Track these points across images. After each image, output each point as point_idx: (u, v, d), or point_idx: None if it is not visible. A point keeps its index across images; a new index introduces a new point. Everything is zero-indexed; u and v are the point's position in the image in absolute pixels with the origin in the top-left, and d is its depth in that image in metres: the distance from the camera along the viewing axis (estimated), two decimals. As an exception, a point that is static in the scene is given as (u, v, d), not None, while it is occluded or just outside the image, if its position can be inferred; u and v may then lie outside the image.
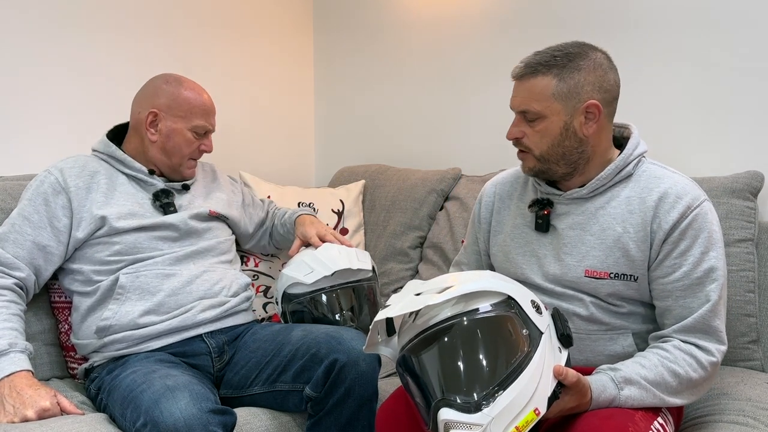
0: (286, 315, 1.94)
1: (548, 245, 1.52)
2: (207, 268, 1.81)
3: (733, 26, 1.97)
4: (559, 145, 1.44)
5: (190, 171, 1.89)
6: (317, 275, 1.87)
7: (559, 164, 1.47)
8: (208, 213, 1.88)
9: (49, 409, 1.50)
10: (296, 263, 1.95)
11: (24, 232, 1.69)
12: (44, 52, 2.22)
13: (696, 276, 1.39)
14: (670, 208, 1.41)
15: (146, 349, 1.69)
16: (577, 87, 1.41)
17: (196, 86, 1.88)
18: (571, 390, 1.27)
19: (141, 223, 1.75)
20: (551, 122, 1.43)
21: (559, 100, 1.41)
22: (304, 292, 1.90)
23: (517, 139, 1.48)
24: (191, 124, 1.83)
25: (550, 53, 1.43)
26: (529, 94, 1.43)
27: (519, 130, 1.47)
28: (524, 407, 1.18)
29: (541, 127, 1.44)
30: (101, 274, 1.73)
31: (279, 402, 1.70)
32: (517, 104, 1.46)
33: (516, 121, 1.48)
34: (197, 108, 1.84)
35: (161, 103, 1.82)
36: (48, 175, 1.75)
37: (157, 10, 2.50)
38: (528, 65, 1.44)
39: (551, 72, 1.41)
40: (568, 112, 1.42)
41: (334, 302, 1.91)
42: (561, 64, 1.41)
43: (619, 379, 1.33)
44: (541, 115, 1.43)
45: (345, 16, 2.93)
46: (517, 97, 1.46)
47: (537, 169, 1.49)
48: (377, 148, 2.86)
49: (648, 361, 1.36)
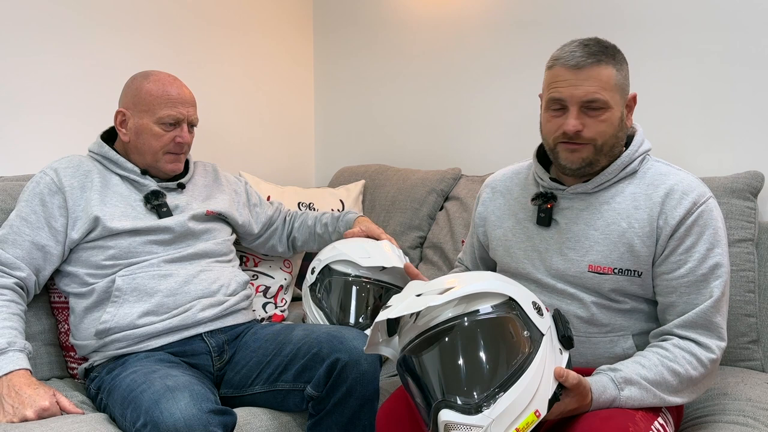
0: (317, 284, 1.91)
1: (550, 240, 1.52)
2: (204, 268, 1.80)
3: (733, 26, 1.97)
4: (615, 136, 1.44)
5: (171, 166, 1.83)
6: (373, 262, 1.85)
7: (607, 156, 1.45)
8: (205, 213, 1.87)
9: (48, 408, 1.49)
10: (354, 243, 1.92)
11: (22, 233, 1.69)
12: (44, 52, 2.22)
13: (701, 272, 1.40)
14: (677, 204, 1.41)
15: (146, 348, 1.69)
16: (627, 79, 1.44)
17: (164, 78, 1.81)
18: (571, 392, 1.27)
19: (135, 225, 1.74)
20: (614, 112, 1.42)
21: (618, 90, 1.42)
22: (351, 273, 1.87)
23: (577, 132, 1.41)
24: (156, 117, 1.77)
25: (602, 43, 1.42)
26: (598, 83, 1.39)
27: (580, 122, 1.41)
28: (525, 409, 1.18)
29: (605, 116, 1.41)
30: (96, 277, 1.73)
31: (280, 401, 1.70)
32: (582, 94, 1.39)
33: (575, 113, 1.40)
34: (160, 99, 1.77)
35: (127, 101, 1.80)
36: (43, 176, 1.75)
37: (158, 10, 2.50)
38: (590, 53, 1.39)
39: (611, 62, 1.40)
40: (622, 103, 1.44)
41: (368, 294, 1.89)
42: (612, 54, 1.42)
43: (619, 380, 1.33)
44: (608, 105, 1.40)
45: (345, 16, 2.93)
46: (580, 86, 1.39)
47: (589, 161, 1.44)
48: (377, 148, 2.86)
49: (648, 361, 1.36)
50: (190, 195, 1.88)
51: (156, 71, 1.83)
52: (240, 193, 2.05)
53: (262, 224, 2.11)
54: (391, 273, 1.89)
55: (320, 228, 2.11)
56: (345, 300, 1.89)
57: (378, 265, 1.85)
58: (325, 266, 1.90)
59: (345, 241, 1.96)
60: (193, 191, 1.90)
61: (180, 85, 1.83)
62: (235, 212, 1.98)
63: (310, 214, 2.16)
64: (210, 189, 1.95)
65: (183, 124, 1.82)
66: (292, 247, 2.18)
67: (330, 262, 1.90)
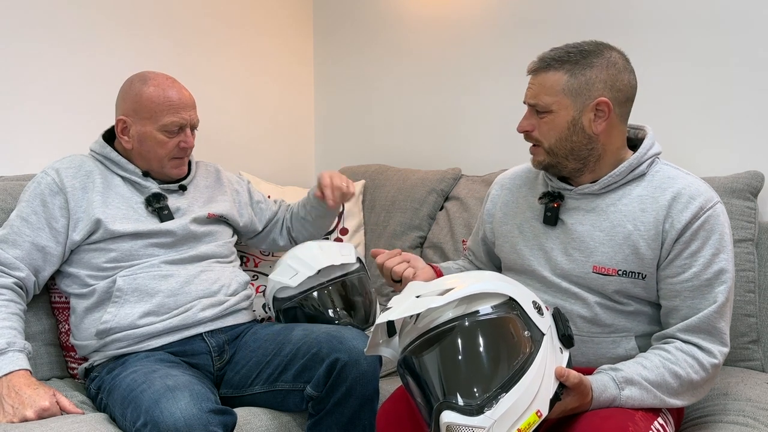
0: (280, 317, 1.95)
1: (556, 239, 1.52)
2: (204, 268, 1.80)
3: (734, 26, 1.97)
4: (567, 140, 1.46)
5: (177, 170, 1.83)
6: (302, 276, 1.88)
7: (569, 159, 1.48)
8: (207, 216, 1.87)
9: (48, 408, 1.49)
10: (280, 266, 1.95)
11: (23, 233, 1.69)
12: (45, 51, 2.22)
13: (705, 277, 1.40)
14: (684, 208, 1.41)
15: (146, 348, 1.69)
16: (588, 83, 1.43)
17: (163, 81, 1.77)
18: (572, 391, 1.27)
19: (137, 228, 1.73)
20: (559, 116, 1.45)
21: (569, 95, 1.43)
22: (293, 295, 1.90)
23: (527, 132, 1.51)
24: (159, 124, 1.74)
25: (565, 50, 1.46)
26: (541, 88, 1.46)
27: (529, 123, 1.50)
28: (527, 409, 1.17)
29: (548, 120, 1.46)
30: (97, 278, 1.72)
31: (279, 401, 1.70)
32: (528, 97, 1.49)
33: (527, 114, 1.50)
34: (162, 106, 1.74)
35: (127, 108, 1.76)
36: (45, 176, 1.75)
37: (158, 10, 2.50)
38: (542, 60, 1.47)
39: (563, 67, 1.44)
40: (577, 107, 1.44)
41: (325, 300, 1.91)
42: (574, 60, 1.44)
43: (620, 380, 1.33)
44: (549, 109, 1.45)
45: (345, 16, 2.93)
46: (529, 90, 1.49)
47: (546, 163, 1.51)
48: (377, 148, 2.86)
49: (649, 362, 1.36)
50: (191, 197, 1.88)
51: (152, 73, 1.80)
52: (242, 192, 2.04)
53: (267, 220, 2.11)
54: (328, 270, 1.90)
55: (302, 211, 2.11)
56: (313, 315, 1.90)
57: (308, 276, 1.87)
58: (273, 299, 1.93)
59: (273, 267, 1.99)
60: (195, 193, 1.90)
61: (179, 87, 1.80)
62: (237, 214, 1.97)
63: (298, 203, 2.16)
64: (212, 191, 1.95)
65: (186, 129, 1.80)
66: (289, 238, 2.16)
67: (274, 293, 1.93)
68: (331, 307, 1.90)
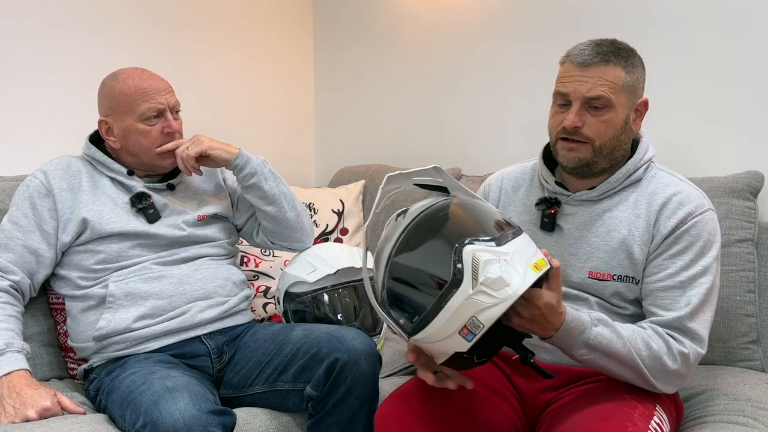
0: (288, 314, 1.94)
1: (553, 245, 1.52)
2: (198, 267, 1.78)
3: (734, 27, 1.97)
4: (617, 138, 1.43)
5: (168, 161, 1.79)
6: (320, 274, 1.87)
7: (607, 158, 1.45)
8: (197, 218, 1.83)
9: (50, 408, 1.49)
10: (299, 261, 1.94)
11: (14, 237, 1.69)
12: (44, 52, 2.22)
13: (679, 279, 1.39)
14: (671, 214, 1.42)
15: (145, 350, 1.68)
16: (638, 82, 1.43)
17: (131, 73, 1.75)
18: (552, 282, 1.26)
19: (124, 229, 1.72)
20: (617, 113, 1.41)
21: (626, 92, 1.41)
22: (307, 291, 1.89)
23: (576, 128, 1.42)
24: (137, 114, 1.72)
25: (614, 44, 1.41)
26: (603, 81, 1.39)
27: (580, 119, 1.42)
28: (536, 252, 1.23)
29: (607, 116, 1.41)
30: (88, 280, 1.72)
31: (279, 402, 1.70)
32: (585, 90, 1.40)
33: (577, 110, 1.41)
34: (135, 95, 1.72)
35: (106, 108, 1.76)
36: (33, 179, 1.74)
37: (158, 10, 2.50)
38: (599, 52, 1.40)
39: (621, 63, 1.40)
40: (629, 105, 1.42)
41: (337, 301, 1.91)
42: (625, 56, 1.41)
43: (595, 317, 1.32)
44: (611, 105, 1.40)
45: (345, 16, 2.93)
46: (585, 82, 1.40)
47: (587, 161, 1.44)
48: (377, 148, 2.86)
49: (625, 325, 1.36)
50: (182, 197, 1.85)
51: (123, 69, 1.78)
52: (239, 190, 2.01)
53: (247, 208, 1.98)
54: (346, 272, 1.89)
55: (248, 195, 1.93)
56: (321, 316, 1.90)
57: (326, 274, 1.87)
58: (285, 293, 1.92)
59: (291, 261, 1.97)
60: (186, 193, 1.86)
61: (149, 74, 1.77)
62: (232, 212, 1.95)
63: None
64: (206, 191, 1.91)
65: (166, 113, 1.77)
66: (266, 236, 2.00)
67: (287, 288, 1.92)
68: (340, 310, 1.90)
